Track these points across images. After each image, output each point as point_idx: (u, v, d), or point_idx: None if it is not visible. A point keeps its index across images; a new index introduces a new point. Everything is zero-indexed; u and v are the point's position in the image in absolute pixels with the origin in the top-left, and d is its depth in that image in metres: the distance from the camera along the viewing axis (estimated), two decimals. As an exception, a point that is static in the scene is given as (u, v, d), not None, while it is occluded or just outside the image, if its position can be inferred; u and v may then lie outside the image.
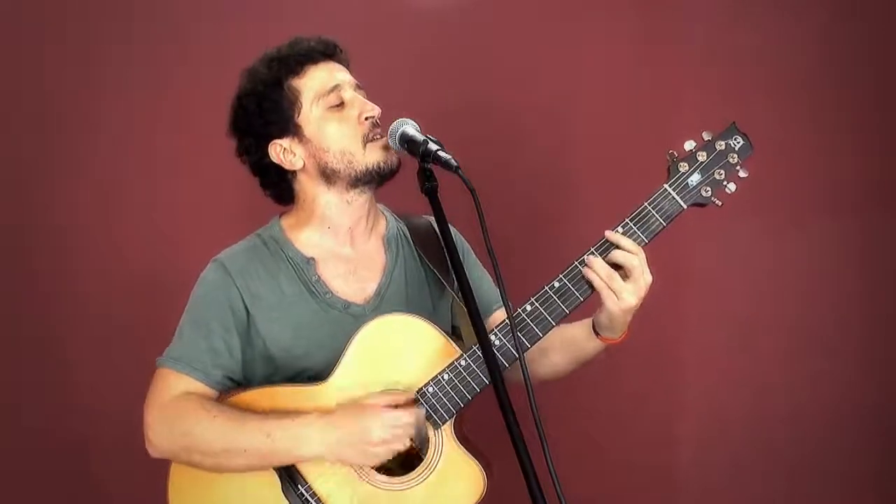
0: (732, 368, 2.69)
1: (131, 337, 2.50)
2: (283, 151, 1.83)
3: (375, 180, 1.83)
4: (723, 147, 1.65)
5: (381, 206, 1.99)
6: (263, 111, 1.81)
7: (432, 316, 1.84)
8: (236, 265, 1.82)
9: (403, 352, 1.72)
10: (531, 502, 1.45)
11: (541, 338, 1.69)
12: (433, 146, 1.62)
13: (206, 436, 1.69)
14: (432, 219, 1.93)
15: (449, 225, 1.91)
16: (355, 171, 1.81)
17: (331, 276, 1.86)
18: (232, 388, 1.80)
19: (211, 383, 1.77)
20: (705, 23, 2.65)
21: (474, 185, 1.52)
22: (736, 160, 1.65)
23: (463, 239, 2.02)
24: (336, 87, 1.82)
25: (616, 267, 1.66)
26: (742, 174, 1.67)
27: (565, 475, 1.44)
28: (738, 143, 1.65)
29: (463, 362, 1.69)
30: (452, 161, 1.58)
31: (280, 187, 1.90)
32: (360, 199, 1.86)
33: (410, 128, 1.72)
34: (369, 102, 1.83)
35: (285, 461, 1.70)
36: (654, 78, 2.64)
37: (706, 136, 1.66)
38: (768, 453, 2.69)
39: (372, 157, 1.80)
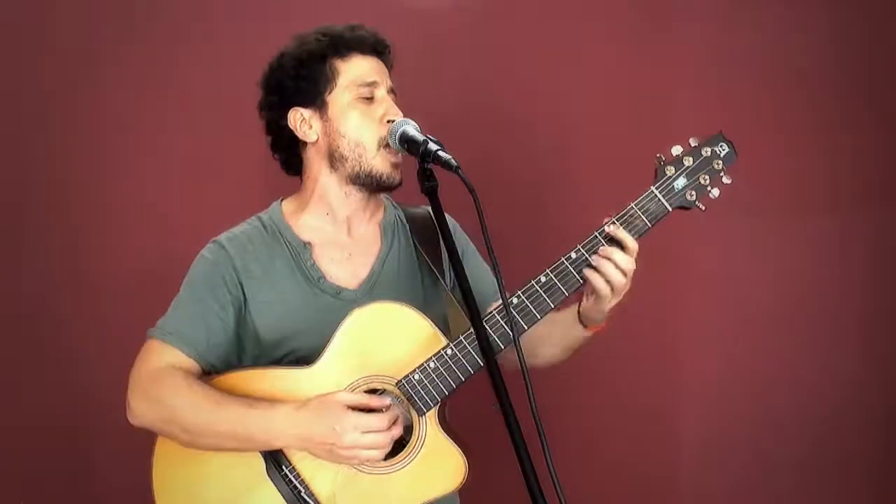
0: (733, 368, 2.69)
1: (132, 335, 2.50)
2: (301, 120, 1.88)
3: (372, 187, 1.86)
4: (708, 153, 1.72)
5: (384, 197, 2.02)
6: (299, 77, 1.86)
7: (423, 304, 1.85)
8: (235, 245, 1.86)
9: (391, 339, 1.75)
10: (531, 502, 1.45)
11: (526, 330, 1.72)
12: (433, 146, 1.63)
13: (184, 411, 1.71)
14: (430, 208, 1.97)
15: (448, 217, 1.90)
16: (360, 167, 1.84)
17: (326, 260, 1.88)
18: (221, 367, 1.82)
19: (201, 361, 1.79)
20: (704, 23, 2.65)
21: (474, 185, 1.52)
22: (720, 166, 1.72)
23: (462, 231, 2.03)
24: (374, 83, 1.87)
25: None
26: (726, 180, 1.73)
27: (565, 475, 1.45)
28: (724, 150, 1.72)
29: (449, 351, 1.71)
30: (452, 161, 1.58)
31: (289, 154, 1.94)
32: (357, 195, 1.89)
33: (410, 128, 1.72)
34: (396, 107, 1.87)
35: (258, 448, 1.72)
36: (653, 78, 2.65)
37: (692, 142, 1.72)
38: (769, 452, 2.69)
39: (380, 164, 1.84)
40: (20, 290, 2.56)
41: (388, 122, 1.82)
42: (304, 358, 1.79)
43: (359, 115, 1.84)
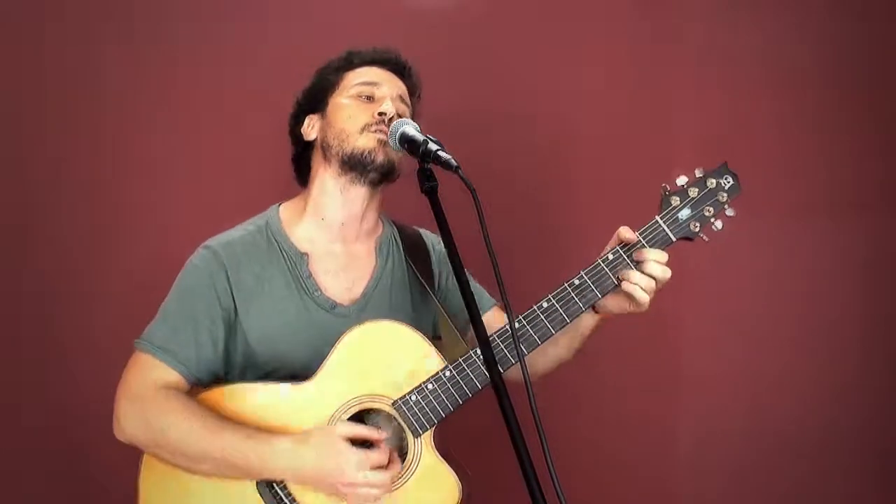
0: (732, 369, 2.69)
1: (132, 336, 2.50)
2: (309, 126, 1.95)
3: (358, 168, 1.84)
4: (713, 185, 1.71)
5: (382, 215, 2.01)
6: (313, 85, 1.96)
7: (413, 320, 1.85)
8: (229, 253, 1.82)
9: (388, 359, 1.73)
10: (531, 502, 1.45)
11: (526, 354, 1.68)
12: (433, 146, 1.62)
13: (181, 438, 1.68)
14: (423, 230, 2.02)
15: (431, 235, 2.01)
16: (344, 150, 1.84)
17: (321, 272, 1.87)
18: (208, 380, 1.79)
19: (191, 377, 1.77)
20: (705, 23, 2.66)
21: (474, 185, 1.52)
22: (725, 199, 1.71)
23: (444, 256, 2.01)
24: (374, 83, 1.90)
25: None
26: (729, 213, 1.72)
27: (565, 476, 1.44)
28: (728, 182, 1.71)
29: (448, 373, 1.70)
30: (452, 161, 1.58)
31: (300, 160, 1.98)
32: (352, 192, 1.87)
33: (410, 128, 1.72)
34: (392, 104, 1.87)
35: (252, 477, 1.70)
36: (653, 78, 2.65)
37: (698, 173, 1.72)
38: (767, 455, 2.68)
39: (362, 142, 1.84)
40: (19, 290, 2.55)
41: (379, 114, 1.84)
42: (295, 373, 1.76)
43: (351, 108, 1.87)
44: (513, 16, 2.65)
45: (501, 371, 1.65)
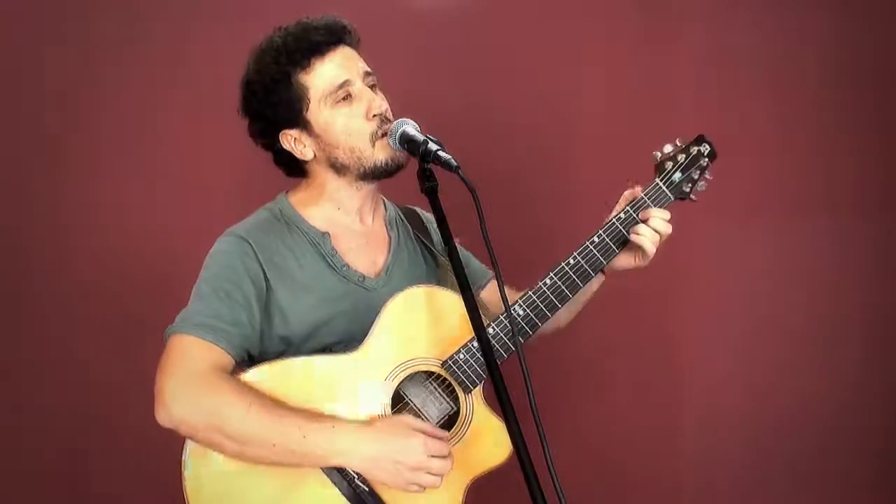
0: (733, 368, 2.69)
1: (132, 336, 2.50)
2: (294, 141, 1.87)
3: (383, 176, 1.86)
4: (695, 152, 1.89)
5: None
6: (272, 103, 1.84)
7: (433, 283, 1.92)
8: (256, 238, 1.80)
9: (431, 322, 1.77)
10: (531, 502, 1.45)
11: (580, 287, 1.81)
12: (433, 146, 1.63)
13: (237, 421, 1.63)
14: (416, 208, 2.07)
15: (414, 208, 2.05)
16: (364, 167, 1.84)
17: (345, 249, 1.89)
18: (247, 362, 1.77)
19: (235, 357, 1.72)
20: (705, 23, 2.66)
21: (474, 185, 1.52)
22: (706, 163, 1.89)
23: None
24: (345, 83, 1.83)
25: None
26: (708, 176, 1.90)
27: (565, 475, 1.44)
28: (707, 149, 1.90)
29: (491, 331, 1.75)
30: (452, 161, 1.58)
31: (291, 167, 1.93)
32: (368, 186, 1.91)
33: (410, 128, 1.73)
34: (378, 97, 1.85)
35: (313, 464, 1.68)
36: (653, 78, 2.65)
37: (679, 142, 1.90)
38: (768, 454, 2.69)
39: (381, 154, 1.83)
40: (20, 290, 2.56)
41: (374, 115, 1.82)
42: (331, 347, 1.78)
43: (342, 121, 1.82)
44: (513, 16, 2.65)
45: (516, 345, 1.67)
